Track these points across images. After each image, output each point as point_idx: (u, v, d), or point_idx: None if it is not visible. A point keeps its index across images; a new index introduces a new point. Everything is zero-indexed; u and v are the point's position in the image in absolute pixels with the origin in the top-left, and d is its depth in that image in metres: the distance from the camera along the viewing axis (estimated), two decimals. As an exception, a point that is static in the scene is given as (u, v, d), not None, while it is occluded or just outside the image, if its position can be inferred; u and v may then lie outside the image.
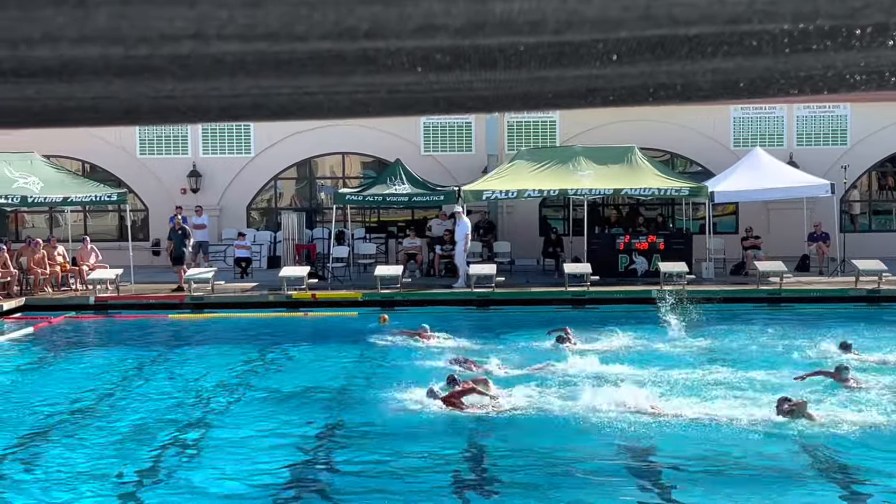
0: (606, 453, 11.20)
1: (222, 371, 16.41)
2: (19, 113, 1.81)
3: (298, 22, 1.26)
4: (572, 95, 1.91)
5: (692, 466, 10.67)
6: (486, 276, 24.55)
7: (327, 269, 26.97)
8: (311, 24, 1.28)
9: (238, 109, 1.84)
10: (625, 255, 26.63)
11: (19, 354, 18.80)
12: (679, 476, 10.39)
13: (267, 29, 1.30)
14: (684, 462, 10.83)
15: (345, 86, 1.78)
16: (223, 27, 1.25)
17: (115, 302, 24.27)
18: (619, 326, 19.20)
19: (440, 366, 15.67)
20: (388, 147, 30.34)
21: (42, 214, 32.24)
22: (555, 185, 26.06)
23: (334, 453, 11.55)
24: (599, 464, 10.79)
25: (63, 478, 10.68)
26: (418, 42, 1.48)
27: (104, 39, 1.26)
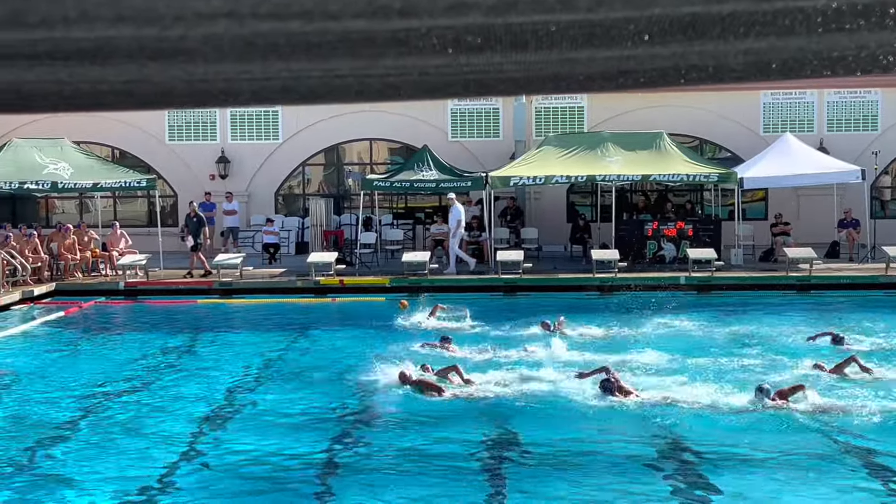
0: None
1: (250, 356, 16.49)
2: (52, 97, 1.82)
3: (333, 1, 1.26)
4: (603, 77, 1.90)
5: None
6: (514, 262, 24.52)
7: (355, 255, 27.04)
8: (345, 2, 1.28)
9: (269, 93, 1.84)
10: (653, 242, 26.54)
11: (50, 339, 18.97)
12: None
13: (301, 7, 1.30)
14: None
15: (375, 68, 1.77)
16: (258, 5, 1.25)
17: (144, 287, 24.44)
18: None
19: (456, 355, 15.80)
20: (416, 133, 30.34)
21: (72, 200, 32.48)
22: (583, 171, 25.98)
23: (359, 436, 11.59)
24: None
25: (92, 460, 10.78)
26: (451, 21, 1.48)
27: (140, 19, 1.26)
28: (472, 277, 24.78)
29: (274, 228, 28.91)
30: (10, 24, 1.26)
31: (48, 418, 12.65)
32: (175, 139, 31.72)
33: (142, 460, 10.74)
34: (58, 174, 25.34)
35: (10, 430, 12.12)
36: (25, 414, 12.91)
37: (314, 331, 19.19)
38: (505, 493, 9.44)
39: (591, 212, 30.77)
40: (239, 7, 1.26)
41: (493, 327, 18.43)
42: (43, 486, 9.96)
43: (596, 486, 9.51)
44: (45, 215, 32.40)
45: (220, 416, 12.67)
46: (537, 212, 30.91)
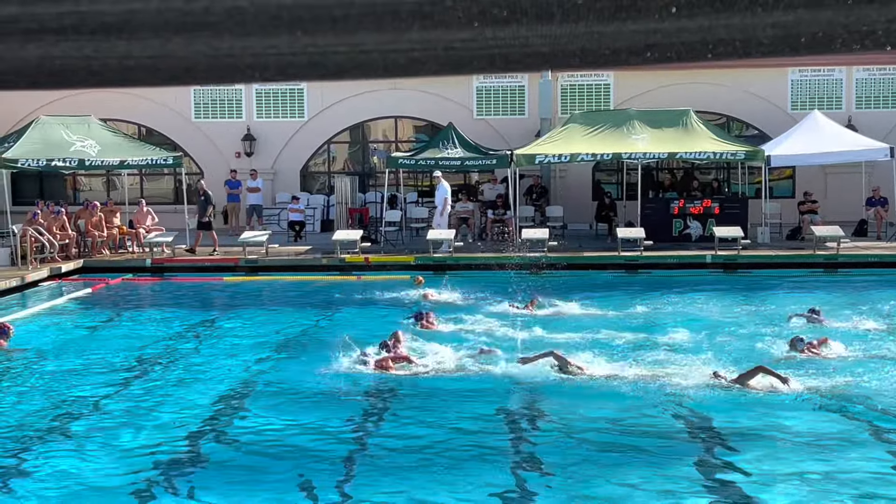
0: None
1: (274, 333, 16.57)
2: (80, 72, 1.83)
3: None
4: (630, 51, 1.89)
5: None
6: (539, 240, 24.50)
7: (380, 233, 27.08)
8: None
9: (295, 68, 1.84)
10: (679, 220, 26.44)
11: (78, 315, 19.13)
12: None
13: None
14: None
15: (401, 43, 1.77)
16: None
17: (170, 264, 24.58)
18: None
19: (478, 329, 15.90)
20: (441, 111, 30.29)
21: (99, 178, 32.65)
22: (608, 148, 25.89)
23: (381, 413, 11.64)
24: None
25: (118, 435, 10.88)
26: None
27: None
28: (498, 255, 24.75)
29: (299, 206, 28.98)
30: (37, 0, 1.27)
31: (75, 393, 12.76)
32: (201, 117, 31.81)
33: (167, 435, 10.83)
34: (85, 151, 25.48)
35: (37, 405, 12.24)
36: (52, 389, 13.04)
37: (339, 308, 19.25)
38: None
39: (616, 190, 30.65)
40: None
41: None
42: (69, 460, 10.07)
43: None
44: (72, 193, 32.59)
45: (243, 393, 12.74)
46: (562, 190, 30.82)
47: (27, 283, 21.87)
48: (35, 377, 13.79)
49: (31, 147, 25.05)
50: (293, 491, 9.07)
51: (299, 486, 9.17)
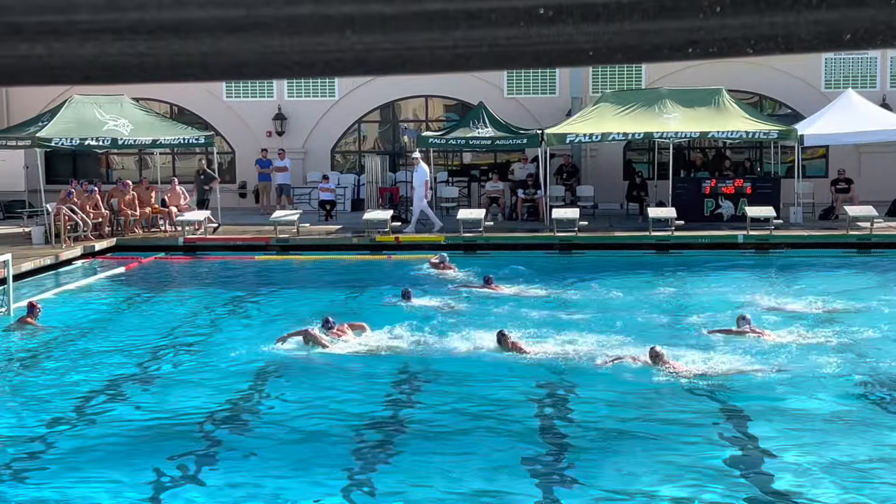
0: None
1: (305, 312, 16.64)
2: (132, 68, 1.87)
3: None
4: (672, 47, 1.91)
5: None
6: (569, 220, 24.46)
7: (410, 213, 27.12)
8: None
9: (342, 65, 1.87)
10: (710, 200, 26.31)
11: (111, 293, 19.31)
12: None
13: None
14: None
15: (447, 40, 1.80)
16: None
17: (202, 243, 24.74)
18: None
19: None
20: (472, 90, 30.22)
21: (131, 156, 32.84)
22: (640, 128, 25.77)
23: (417, 395, 11.73)
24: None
25: (152, 412, 11.02)
26: (535, 2, 1.50)
27: (229, 3, 1.30)
28: (527, 235, 24.78)
29: (330, 185, 29.05)
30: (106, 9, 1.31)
31: (106, 371, 12.92)
32: (233, 96, 31.91)
33: (198, 413, 10.96)
34: (118, 130, 25.65)
35: (70, 382, 12.41)
36: (85, 367, 13.20)
37: (368, 287, 19.31)
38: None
39: (647, 169, 30.52)
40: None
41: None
42: (103, 436, 10.21)
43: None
44: (104, 171, 32.81)
45: (273, 371, 12.84)
46: (593, 169, 30.72)
47: (61, 261, 22.09)
48: (67, 354, 13.96)
49: (65, 126, 25.25)
50: (324, 464, 9.17)
51: (329, 461, 9.27)
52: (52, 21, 1.46)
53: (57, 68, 1.93)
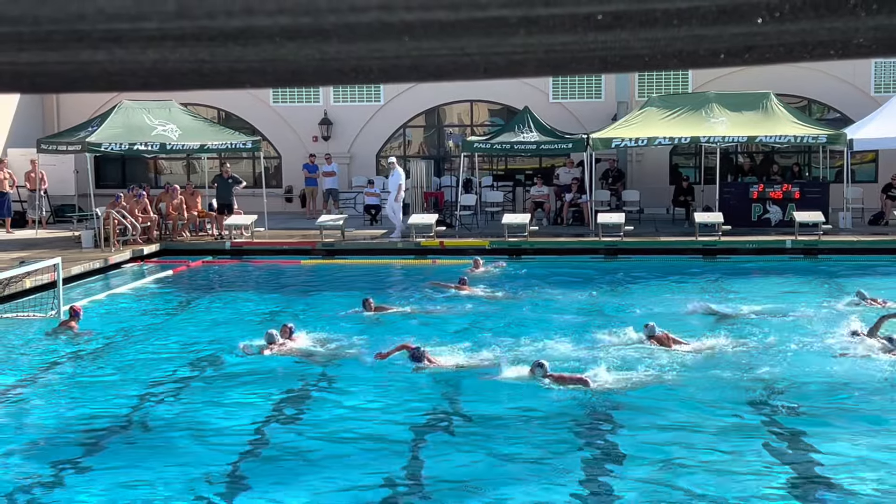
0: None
1: (350, 315, 16.70)
2: (190, 75, 1.89)
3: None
4: (729, 53, 1.90)
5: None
6: (615, 224, 24.36)
7: (455, 217, 27.15)
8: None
9: (398, 71, 1.88)
10: (758, 204, 26.08)
11: (160, 297, 19.50)
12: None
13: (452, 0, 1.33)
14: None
15: (503, 46, 1.80)
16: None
17: (249, 247, 24.92)
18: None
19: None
20: (517, 94, 30.20)
21: (179, 161, 33.16)
22: (686, 132, 25.61)
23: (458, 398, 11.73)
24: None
25: (202, 414, 11.11)
26: (594, 8, 1.50)
27: (299, 12, 1.31)
28: (572, 240, 24.70)
29: (375, 190, 29.15)
30: (176, 18, 1.32)
31: (158, 374, 13.04)
32: (279, 101, 32.14)
33: (246, 414, 11.03)
34: (166, 135, 25.92)
35: (121, 384, 12.54)
36: (132, 368, 13.33)
37: (414, 292, 19.33)
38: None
39: (694, 174, 30.32)
40: (393, 1, 1.30)
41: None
42: (151, 436, 10.31)
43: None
44: (153, 176, 33.15)
45: (321, 375, 12.90)
46: (639, 174, 30.58)
47: (110, 264, 22.35)
48: (115, 356, 14.11)
49: (114, 131, 25.56)
50: (370, 468, 9.19)
51: (372, 464, 9.29)
52: (119, 28, 1.48)
53: (116, 75, 1.95)
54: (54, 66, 1.83)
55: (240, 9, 1.33)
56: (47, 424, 10.91)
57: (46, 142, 26.46)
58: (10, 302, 16.88)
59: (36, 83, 2.14)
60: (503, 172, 32.25)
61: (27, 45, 1.61)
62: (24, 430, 10.82)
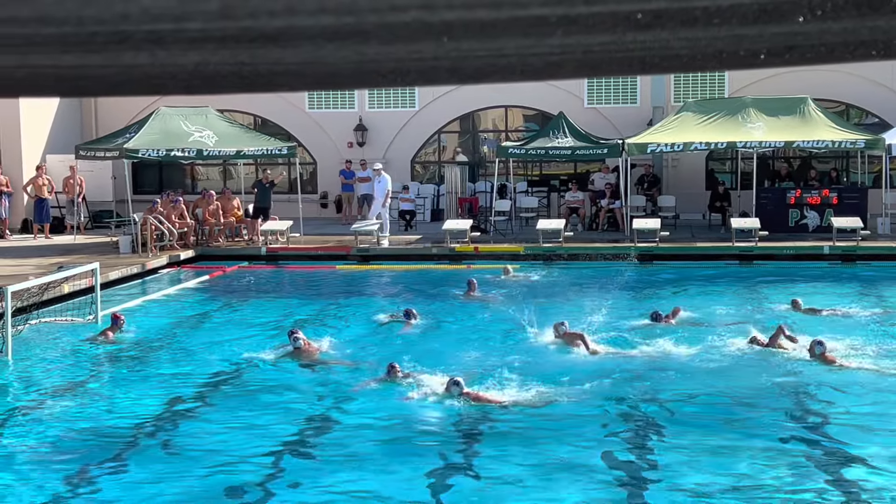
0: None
1: (386, 321, 16.72)
2: (230, 77, 1.90)
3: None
4: (770, 53, 1.88)
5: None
6: (650, 230, 24.26)
7: (490, 223, 27.14)
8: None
9: (435, 73, 1.88)
10: (795, 210, 25.87)
11: (196, 301, 19.63)
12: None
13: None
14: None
15: (541, 47, 1.79)
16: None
17: (285, 253, 25.02)
18: None
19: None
20: (551, 100, 30.13)
21: (216, 167, 33.35)
22: (723, 137, 25.46)
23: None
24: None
25: (236, 418, 11.16)
26: (635, 6, 1.49)
27: (341, 12, 1.31)
28: (607, 245, 24.60)
29: (410, 195, 29.20)
30: (219, 18, 1.33)
31: (193, 377, 13.13)
32: (315, 107, 32.26)
33: (282, 418, 11.07)
34: (203, 142, 26.09)
35: (158, 388, 12.64)
36: (171, 373, 13.43)
37: (449, 298, 19.32)
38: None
39: (730, 179, 30.11)
40: (434, 0, 1.30)
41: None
42: (186, 440, 10.37)
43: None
44: (190, 182, 33.36)
45: (355, 379, 12.91)
46: (675, 179, 30.41)
47: (147, 270, 22.51)
48: (153, 360, 14.21)
49: (152, 137, 25.77)
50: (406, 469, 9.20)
51: (409, 465, 9.30)
52: (162, 29, 1.50)
53: (157, 78, 1.97)
54: (97, 68, 1.85)
55: (282, 8, 1.33)
56: (83, 427, 11.00)
57: (85, 148, 26.71)
58: (49, 307, 17.04)
59: (78, 86, 2.16)
60: (538, 178, 32.19)
61: (70, 48, 1.63)
62: (58, 432, 10.91)
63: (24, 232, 28.32)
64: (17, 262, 22.15)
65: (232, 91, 2.08)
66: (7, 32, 1.53)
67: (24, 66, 1.90)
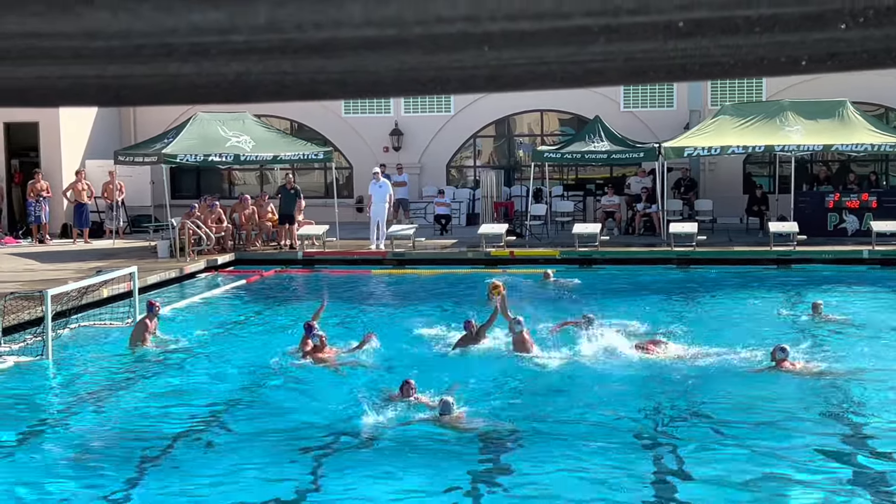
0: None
1: (422, 325, 16.72)
2: (272, 86, 1.91)
3: (571, 2, 1.28)
4: (811, 60, 1.87)
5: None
6: (687, 234, 24.13)
7: (525, 227, 27.11)
8: (581, 2, 1.30)
9: (475, 81, 1.89)
10: (834, 214, 25.65)
11: (233, 305, 19.74)
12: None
13: (538, 10, 1.33)
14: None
15: (582, 55, 1.79)
16: (498, 10, 1.29)
17: (321, 257, 25.11)
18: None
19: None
20: (587, 104, 30.07)
21: (253, 172, 33.55)
22: (760, 141, 25.30)
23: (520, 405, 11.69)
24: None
25: (274, 422, 11.22)
26: (678, 16, 1.49)
27: (386, 24, 1.32)
28: (643, 249, 24.51)
29: (445, 200, 29.23)
30: (266, 31, 1.34)
31: (231, 380, 13.21)
32: (350, 112, 32.37)
33: (317, 421, 11.11)
34: (240, 147, 26.24)
35: (195, 391, 12.72)
36: (209, 376, 13.52)
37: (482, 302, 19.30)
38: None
39: (768, 182, 29.89)
40: (479, 11, 1.30)
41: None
42: (224, 441, 10.43)
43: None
44: (227, 186, 33.58)
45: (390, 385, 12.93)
46: (712, 183, 30.24)
47: (185, 274, 22.68)
48: (190, 364, 14.31)
49: (189, 143, 25.95)
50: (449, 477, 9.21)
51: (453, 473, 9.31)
52: (207, 41, 1.51)
53: (202, 87, 1.99)
54: (140, 78, 1.87)
55: (329, 21, 1.34)
56: (121, 428, 11.10)
57: (123, 153, 26.96)
58: (87, 311, 17.21)
59: (121, 96, 2.18)
60: (574, 182, 32.12)
61: (116, 59, 1.65)
62: (96, 433, 11.01)
63: (64, 236, 28.63)
64: (57, 266, 22.39)
65: (274, 100, 2.09)
66: (54, 46, 1.55)
67: (68, 76, 1.93)
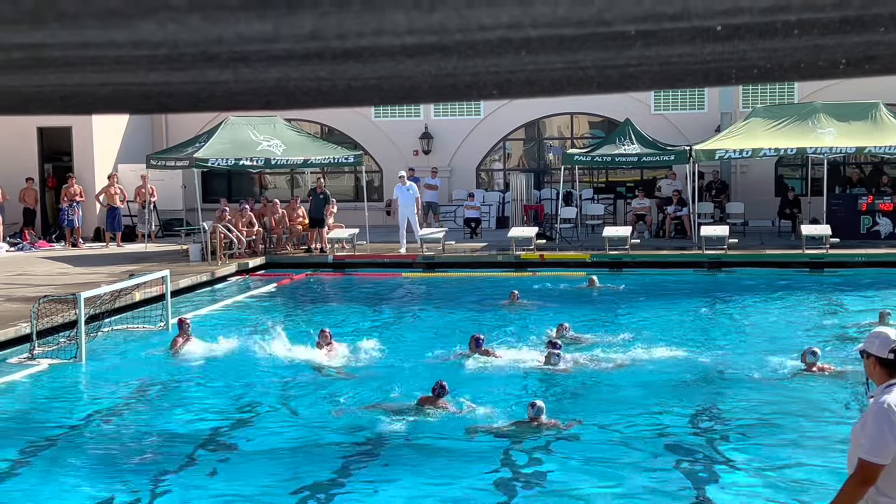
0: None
1: (451, 328, 16.73)
2: (310, 93, 1.93)
3: (613, 9, 1.29)
4: (849, 63, 1.87)
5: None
6: (718, 237, 24.00)
7: (555, 230, 27.05)
8: (624, 10, 1.31)
9: (512, 86, 1.90)
10: (867, 217, 25.43)
11: (264, 308, 19.82)
12: None
13: (578, 17, 1.34)
14: None
15: (619, 59, 1.80)
16: (540, 17, 1.29)
17: (351, 260, 25.16)
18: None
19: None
20: (618, 106, 29.97)
21: (283, 175, 33.68)
22: (792, 143, 25.10)
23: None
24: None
25: (305, 424, 11.25)
26: (720, 21, 1.50)
27: (429, 32, 1.33)
28: (674, 253, 24.40)
29: (475, 203, 29.23)
30: (308, 38, 1.36)
31: (262, 383, 13.26)
32: (381, 116, 32.43)
33: (347, 424, 11.14)
34: (271, 151, 26.34)
35: (226, 393, 12.79)
36: (240, 379, 13.57)
37: (516, 306, 19.29)
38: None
39: (800, 185, 29.67)
40: (522, 19, 1.31)
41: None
42: (255, 444, 10.48)
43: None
44: (258, 190, 33.71)
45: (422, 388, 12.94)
46: (743, 185, 30.06)
47: (216, 277, 22.79)
48: (221, 366, 14.37)
49: (221, 147, 26.08)
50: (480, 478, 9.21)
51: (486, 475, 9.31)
52: (249, 49, 1.53)
53: (240, 94, 2.01)
54: (181, 85, 1.89)
55: (371, 30, 1.36)
56: (153, 431, 11.18)
57: (156, 157, 27.13)
58: (120, 314, 17.34)
59: (161, 103, 2.21)
60: (604, 185, 32.02)
61: (158, 66, 1.67)
62: (129, 436, 11.09)
63: (97, 240, 28.86)
64: (90, 269, 22.57)
65: (311, 106, 2.11)
66: (100, 55, 1.57)
67: (109, 83, 1.95)
